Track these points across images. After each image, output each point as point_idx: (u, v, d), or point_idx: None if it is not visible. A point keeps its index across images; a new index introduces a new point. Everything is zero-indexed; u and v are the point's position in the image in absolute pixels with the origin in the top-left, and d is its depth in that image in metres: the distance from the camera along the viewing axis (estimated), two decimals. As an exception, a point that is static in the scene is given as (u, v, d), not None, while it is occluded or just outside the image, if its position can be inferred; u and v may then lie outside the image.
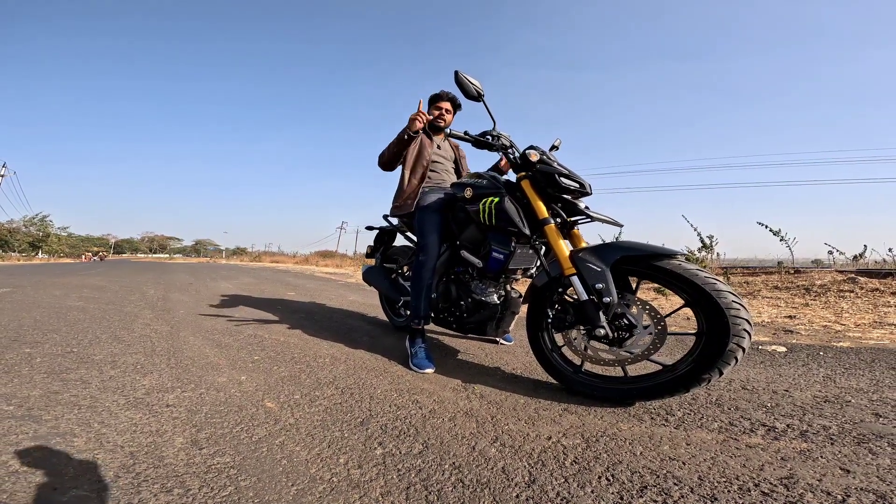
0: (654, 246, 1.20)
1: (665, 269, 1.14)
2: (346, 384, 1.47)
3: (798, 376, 1.61)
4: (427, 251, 1.78)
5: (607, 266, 1.21)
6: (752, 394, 1.40)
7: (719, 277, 1.14)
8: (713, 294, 1.08)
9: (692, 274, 1.10)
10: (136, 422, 1.10)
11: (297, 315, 2.96)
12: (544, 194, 1.46)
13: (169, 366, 1.58)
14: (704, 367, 1.13)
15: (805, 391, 1.44)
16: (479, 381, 1.55)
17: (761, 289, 4.35)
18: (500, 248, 1.54)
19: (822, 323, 2.77)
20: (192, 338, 2.06)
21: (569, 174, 1.42)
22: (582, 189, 1.42)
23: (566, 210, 1.46)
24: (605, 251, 1.24)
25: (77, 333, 2.04)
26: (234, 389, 1.37)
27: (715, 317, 1.09)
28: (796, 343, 2.21)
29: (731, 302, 1.07)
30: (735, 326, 1.07)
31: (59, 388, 1.32)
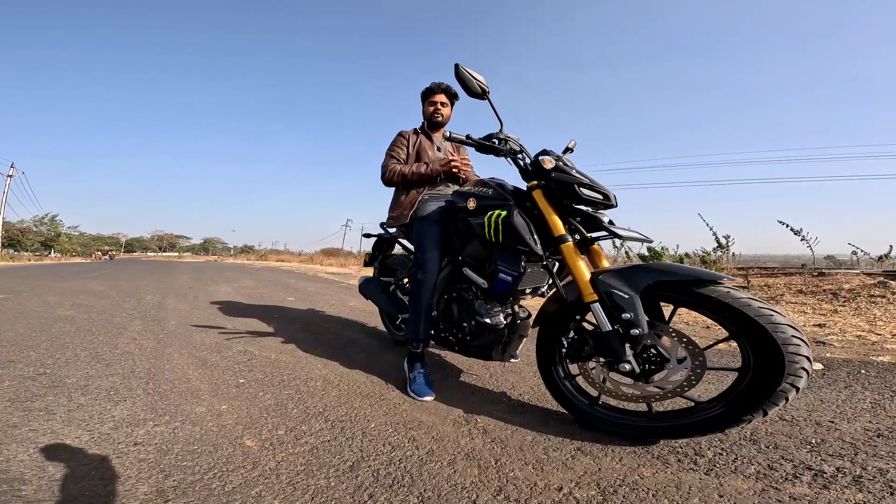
0: (695, 269, 1.04)
1: (710, 297, 0.99)
2: (337, 415, 1.35)
3: (842, 402, 1.46)
4: (426, 269, 1.64)
5: (637, 293, 1.06)
6: (793, 426, 1.25)
7: (776, 307, 0.98)
8: (769, 328, 0.93)
9: (743, 304, 0.95)
10: (96, 465, 0.99)
11: (293, 326, 2.86)
12: (560, 206, 1.29)
13: (145, 392, 1.47)
14: (748, 408, 0.99)
15: (853, 422, 1.29)
16: (483, 410, 1.42)
17: (784, 293, 4.16)
18: (509, 270, 1.36)
19: (856, 333, 2.60)
20: (176, 355, 1.96)
21: (590, 183, 1.24)
22: (606, 201, 1.24)
23: (586, 224, 1.29)
24: (634, 275, 1.08)
25: (56, 350, 1.95)
26: (211, 423, 1.26)
27: (768, 353, 0.94)
28: (832, 358, 2.04)
29: (791, 337, 0.93)
30: (792, 365, 0.93)
31: (20, 420, 1.22)
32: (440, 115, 1.97)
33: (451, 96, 2.00)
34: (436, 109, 1.96)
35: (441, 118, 1.97)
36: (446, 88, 1.97)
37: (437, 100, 1.97)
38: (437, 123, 1.99)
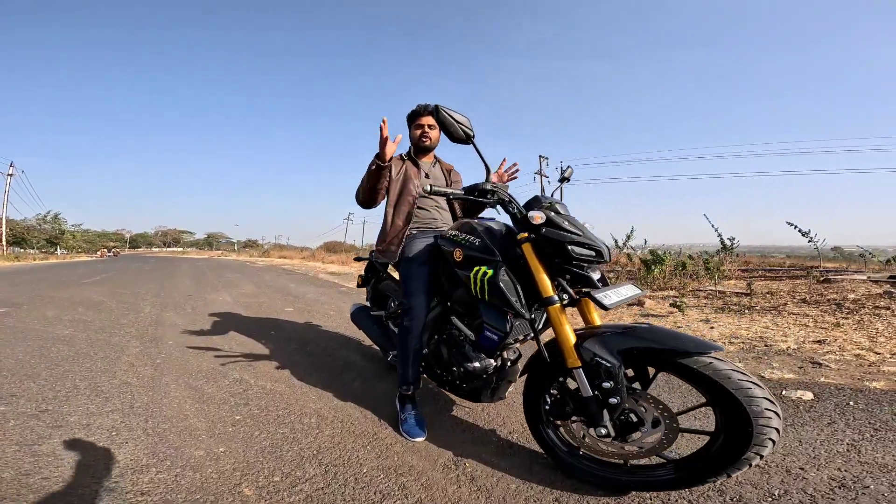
0: (683, 339, 1.05)
1: (691, 368, 1.02)
2: (330, 458, 1.42)
3: (820, 443, 1.50)
4: (412, 315, 1.64)
5: (620, 362, 1.09)
6: (763, 475, 1.29)
7: (756, 378, 1.02)
8: (744, 401, 0.97)
9: (724, 377, 0.99)
10: None
11: (290, 346, 2.92)
12: (551, 263, 1.28)
13: (145, 432, 1.54)
14: (714, 471, 1.06)
15: (823, 469, 1.32)
16: (472, 452, 1.48)
17: (787, 302, 4.18)
18: (494, 328, 1.36)
19: (855, 351, 2.63)
20: (173, 386, 2.03)
21: (582, 239, 1.22)
22: (598, 258, 1.22)
23: (576, 281, 1.28)
24: (619, 341, 1.11)
25: (56, 380, 2.03)
26: (211, 468, 1.33)
27: (740, 423, 0.99)
28: (825, 384, 2.08)
29: (764, 410, 0.97)
30: (760, 436, 0.98)
31: (30, 467, 1.29)
32: (428, 138, 1.86)
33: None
34: (423, 133, 1.86)
35: (429, 142, 1.87)
36: (434, 110, 1.92)
37: (424, 122, 1.86)
38: (425, 148, 1.89)
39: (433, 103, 1.88)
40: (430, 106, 1.85)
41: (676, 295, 5.23)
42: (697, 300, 4.86)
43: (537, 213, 1.26)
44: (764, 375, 2.24)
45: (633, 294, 1.28)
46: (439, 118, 1.35)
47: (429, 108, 1.85)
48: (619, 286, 1.28)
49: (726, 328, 3.41)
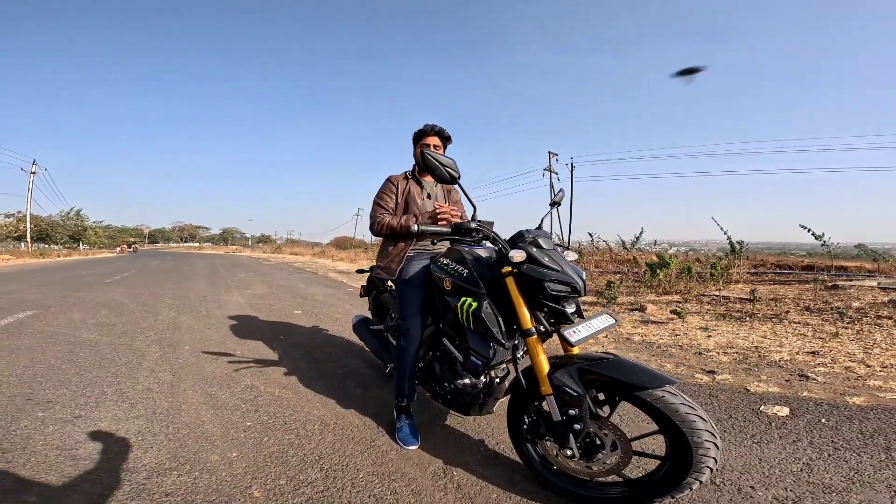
0: (641, 373, 1.17)
1: (645, 400, 1.15)
2: (330, 463, 1.58)
3: (778, 462, 1.58)
4: (408, 336, 1.77)
5: (585, 392, 1.21)
6: (716, 492, 1.39)
7: (701, 411, 1.13)
8: (687, 432, 1.09)
9: (672, 410, 1.11)
10: None
11: (298, 352, 3.11)
12: (531, 296, 1.37)
13: (167, 437, 1.73)
14: (660, 492, 1.19)
15: (772, 488, 1.41)
16: (461, 461, 1.62)
17: (790, 310, 4.20)
18: (478, 354, 1.49)
19: (847, 363, 2.69)
20: (190, 392, 2.23)
21: (559, 276, 1.31)
22: (573, 293, 1.32)
23: (552, 314, 1.37)
24: (584, 372, 1.23)
25: (86, 387, 2.24)
26: (225, 472, 1.50)
27: (683, 451, 1.11)
28: (806, 398, 2.16)
29: (704, 441, 1.09)
30: (699, 464, 1.10)
31: (71, 469, 1.48)
32: None
33: (444, 139, 2.00)
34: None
35: None
36: (440, 131, 1.98)
37: (430, 142, 1.95)
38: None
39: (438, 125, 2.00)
40: (437, 127, 1.98)
41: (680, 300, 5.27)
42: (700, 306, 4.90)
43: (517, 252, 1.36)
44: (749, 388, 2.33)
45: (605, 326, 1.38)
46: (426, 163, 1.45)
47: (435, 128, 1.97)
48: (593, 318, 1.39)
49: (724, 337, 3.48)
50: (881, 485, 1.42)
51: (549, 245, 1.43)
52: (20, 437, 1.67)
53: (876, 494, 1.38)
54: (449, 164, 1.47)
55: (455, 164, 1.49)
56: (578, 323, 1.34)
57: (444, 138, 2.01)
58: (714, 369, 2.70)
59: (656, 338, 3.59)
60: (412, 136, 2.05)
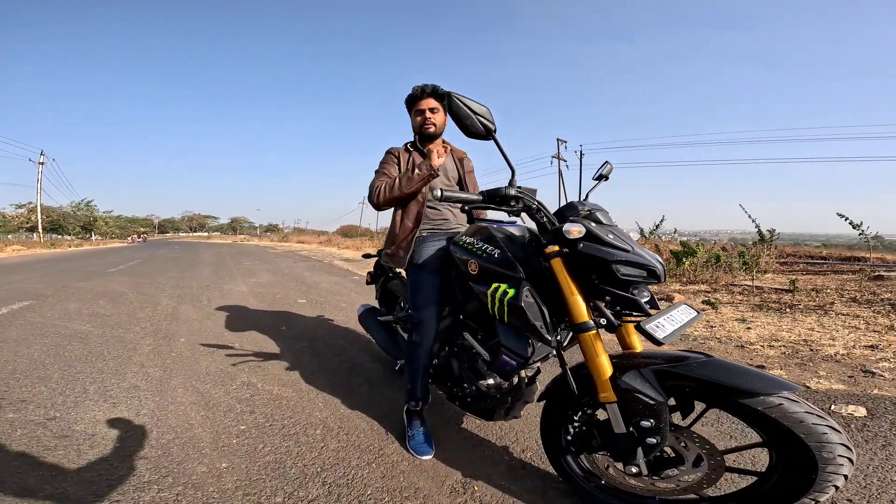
0: (749, 376, 0.90)
1: (756, 409, 0.88)
2: (334, 478, 1.37)
3: (873, 469, 1.35)
4: (421, 331, 1.54)
5: (665, 398, 0.96)
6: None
7: (832, 421, 0.86)
8: (814, 447, 0.84)
9: (795, 421, 0.85)
10: None
11: (300, 344, 2.91)
12: (587, 282, 1.09)
13: (150, 444, 1.53)
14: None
15: (874, 501, 1.19)
16: (482, 473, 1.40)
17: (835, 300, 3.88)
18: (513, 352, 1.18)
19: (913, 360, 2.40)
20: (181, 390, 2.03)
21: (630, 257, 1.02)
22: (651, 277, 1.02)
23: (618, 303, 1.08)
24: (666, 375, 0.96)
25: (67, 384, 2.06)
26: (212, 487, 1.30)
27: (803, 467, 0.86)
28: (879, 397, 1.90)
29: (837, 456, 0.83)
30: (822, 483, 0.85)
31: (33, 483, 1.29)
32: (432, 125, 1.68)
33: (440, 98, 1.69)
34: (425, 119, 1.68)
35: (434, 129, 1.69)
36: (433, 90, 1.67)
37: (424, 107, 1.67)
38: (430, 136, 1.71)
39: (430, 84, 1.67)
40: (429, 86, 1.67)
41: (708, 290, 4.97)
42: (731, 296, 4.59)
43: (575, 226, 1.07)
44: (809, 386, 2.06)
45: (690, 318, 1.10)
46: (453, 109, 1.15)
47: (427, 89, 1.66)
48: (671, 310, 1.09)
49: (765, 329, 3.19)
50: None
51: (609, 220, 1.14)
52: None
53: None
54: (482, 111, 1.15)
55: (489, 112, 1.17)
56: (656, 315, 1.03)
57: (440, 97, 1.69)
58: (763, 364, 2.44)
59: (691, 329, 3.31)
60: (404, 102, 1.76)
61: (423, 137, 1.74)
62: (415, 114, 1.72)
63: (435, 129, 1.70)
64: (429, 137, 1.72)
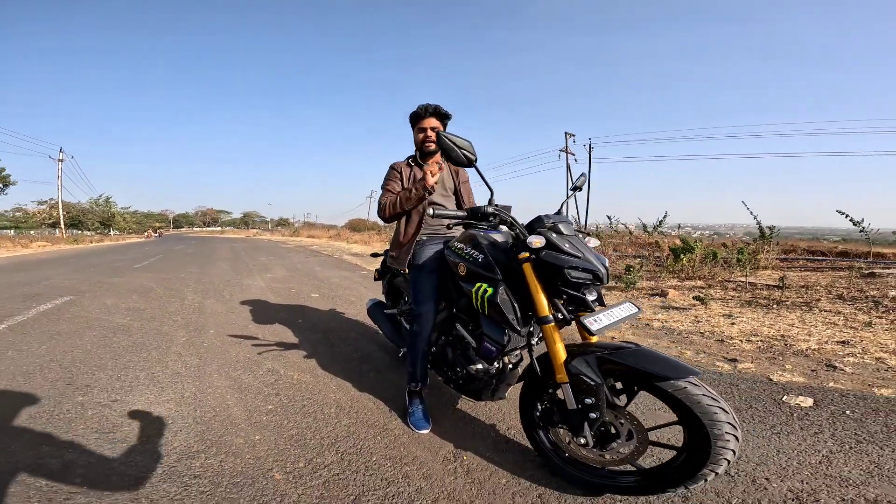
0: (662, 363, 1.15)
1: (667, 391, 1.13)
2: (346, 447, 1.66)
3: (797, 453, 1.57)
4: (420, 322, 1.81)
5: (602, 380, 1.22)
6: (730, 483, 1.39)
7: (723, 403, 1.11)
8: (708, 424, 1.09)
9: (694, 401, 1.10)
10: (172, 495, 1.34)
11: (315, 335, 3.22)
12: (550, 283, 1.35)
13: (195, 420, 1.84)
14: (674, 483, 1.19)
15: (787, 480, 1.40)
16: (471, 446, 1.67)
17: (822, 297, 4.04)
18: (492, 341, 1.50)
19: (878, 353, 2.59)
20: (216, 376, 2.35)
21: (580, 263, 1.28)
22: (595, 280, 1.29)
23: (572, 301, 1.35)
24: (603, 361, 1.22)
25: (120, 371, 2.40)
26: (248, 455, 1.60)
27: (702, 442, 1.11)
28: (832, 389, 2.11)
29: (725, 433, 1.08)
30: (717, 456, 1.09)
31: (110, 451, 1.60)
32: (432, 142, 1.91)
33: (441, 117, 1.92)
34: (426, 137, 1.91)
35: (433, 146, 1.91)
36: (435, 110, 1.89)
37: (426, 125, 1.90)
38: (430, 152, 1.94)
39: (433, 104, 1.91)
40: (431, 106, 1.90)
41: (704, 286, 5.14)
42: (725, 292, 4.77)
43: (536, 238, 1.33)
44: (772, 378, 2.28)
45: (627, 315, 1.35)
46: (441, 144, 1.42)
47: (429, 108, 1.89)
48: (615, 306, 1.35)
49: (748, 324, 3.39)
50: (890, 478, 1.40)
51: (570, 231, 1.40)
52: (63, 421, 1.81)
53: (888, 487, 1.36)
54: (465, 146, 1.43)
55: (471, 145, 1.44)
56: (599, 311, 1.30)
57: (441, 116, 1.92)
58: (736, 357, 2.65)
59: (677, 324, 3.54)
60: (408, 118, 1.97)
61: (423, 154, 1.98)
62: (417, 130, 1.95)
63: (434, 147, 1.92)
64: (429, 153, 1.97)
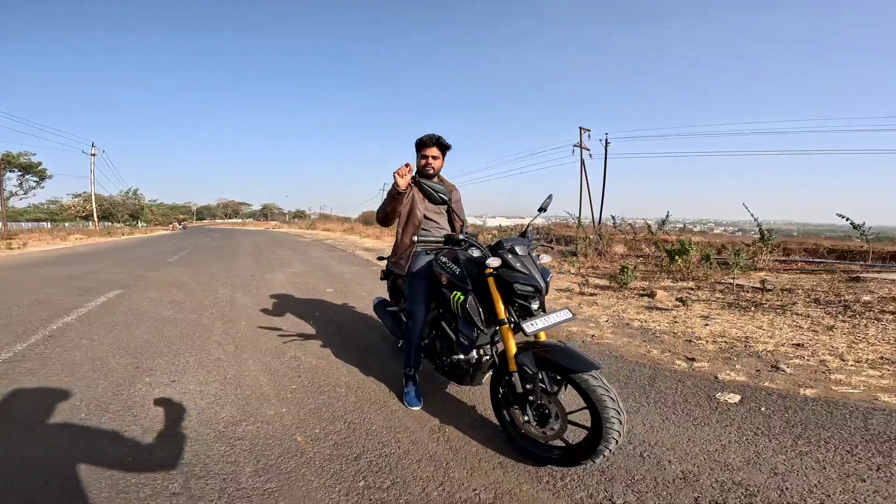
0: (573, 359, 1.53)
1: (576, 382, 1.52)
2: (352, 418, 2.12)
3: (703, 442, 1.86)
4: (414, 319, 2.23)
5: (536, 370, 1.62)
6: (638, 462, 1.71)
7: (613, 392, 1.49)
8: (600, 409, 1.48)
9: (591, 391, 1.49)
10: (223, 454, 1.81)
11: (329, 328, 3.73)
12: (506, 293, 1.72)
13: (237, 396, 2.34)
14: (582, 457, 1.58)
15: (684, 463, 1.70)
16: (453, 421, 2.10)
17: (798, 301, 4.29)
18: (466, 337, 1.91)
19: (825, 356, 2.88)
20: (250, 361, 2.86)
21: (526, 279, 1.68)
22: (536, 292, 1.69)
23: (521, 308, 1.75)
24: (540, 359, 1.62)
25: (174, 357, 2.92)
26: (277, 423, 2.07)
27: (598, 425, 1.50)
28: (763, 388, 2.40)
29: (611, 417, 1.47)
30: (607, 435, 1.48)
31: (174, 421, 2.09)
32: (431, 168, 2.30)
33: (442, 147, 2.30)
34: (427, 163, 2.28)
35: (432, 171, 2.31)
36: (438, 141, 2.27)
37: (428, 153, 2.27)
38: (428, 175, 2.33)
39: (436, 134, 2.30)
40: (434, 137, 2.29)
41: (693, 287, 5.41)
42: (711, 293, 5.04)
43: (494, 259, 1.75)
44: (718, 377, 2.61)
45: (562, 320, 1.74)
46: (422, 190, 1.89)
47: (433, 139, 2.27)
48: (551, 313, 1.75)
49: (720, 326, 3.70)
50: (766, 466, 1.69)
51: (524, 251, 1.80)
52: (139, 398, 2.29)
53: (754, 473, 1.64)
54: (440, 190, 1.90)
55: (445, 189, 1.94)
56: (538, 316, 1.71)
57: (442, 147, 2.30)
58: (696, 357, 2.98)
59: (655, 324, 3.86)
60: (414, 143, 2.33)
61: (423, 175, 2.37)
62: (420, 157, 2.31)
63: (432, 172, 2.34)
64: (427, 176, 2.37)
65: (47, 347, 3.02)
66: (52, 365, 2.70)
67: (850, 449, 1.80)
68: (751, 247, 6.92)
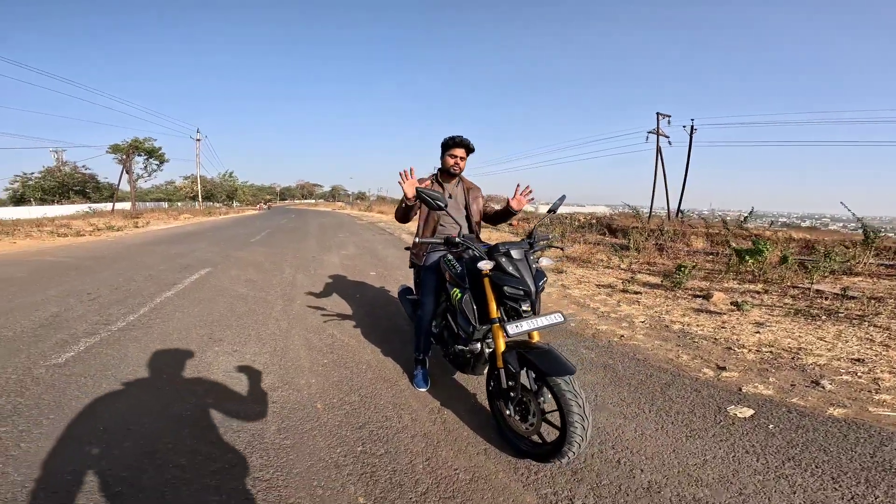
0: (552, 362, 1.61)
1: (550, 385, 1.62)
2: (366, 392, 2.46)
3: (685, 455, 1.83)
4: (424, 308, 2.45)
5: (518, 369, 1.75)
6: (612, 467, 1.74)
7: (580, 399, 1.55)
8: (566, 413, 1.57)
9: (561, 394, 1.58)
10: (258, 413, 2.24)
11: (365, 310, 4.16)
12: (500, 294, 1.83)
13: (280, 367, 2.81)
14: (552, 455, 1.68)
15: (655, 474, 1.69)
16: (452, 405, 2.33)
17: (884, 312, 3.69)
18: (463, 330, 2.05)
19: (881, 374, 2.54)
20: (296, 337, 3.36)
21: (516, 283, 1.78)
22: (525, 296, 1.79)
23: (511, 310, 1.86)
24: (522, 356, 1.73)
25: (240, 331, 3.52)
26: (305, 391, 2.48)
27: (566, 426, 1.59)
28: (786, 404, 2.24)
29: (575, 421, 1.55)
30: (570, 438, 1.57)
31: (231, 383, 2.61)
32: (458, 168, 2.49)
33: (469, 150, 2.48)
34: (455, 163, 2.46)
35: (459, 171, 2.51)
36: (466, 144, 2.44)
37: (457, 154, 2.44)
38: (453, 175, 2.53)
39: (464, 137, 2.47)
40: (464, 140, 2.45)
41: (760, 291, 4.89)
42: (780, 298, 4.52)
43: (486, 263, 1.88)
44: (742, 389, 2.46)
45: (550, 323, 1.82)
46: (421, 197, 2.05)
47: (463, 142, 2.43)
48: (539, 316, 1.84)
49: (773, 335, 3.37)
50: (736, 485, 1.63)
51: (520, 255, 1.91)
52: (207, 363, 2.84)
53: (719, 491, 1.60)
54: (437, 197, 2.04)
55: (442, 196, 2.07)
56: (526, 318, 1.81)
57: (469, 150, 2.47)
58: (727, 366, 2.79)
59: (697, 328, 3.63)
60: (441, 143, 2.48)
61: (448, 174, 2.56)
62: (448, 156, 2.47)
63: (459, 171, 2.53)
64: (452, 175, 2.56)
65: (150, 318, 3.80)
66: (151, 334, 3.40)
67: (836, 476, 1.68)
68: (851, 248, 5.93)
